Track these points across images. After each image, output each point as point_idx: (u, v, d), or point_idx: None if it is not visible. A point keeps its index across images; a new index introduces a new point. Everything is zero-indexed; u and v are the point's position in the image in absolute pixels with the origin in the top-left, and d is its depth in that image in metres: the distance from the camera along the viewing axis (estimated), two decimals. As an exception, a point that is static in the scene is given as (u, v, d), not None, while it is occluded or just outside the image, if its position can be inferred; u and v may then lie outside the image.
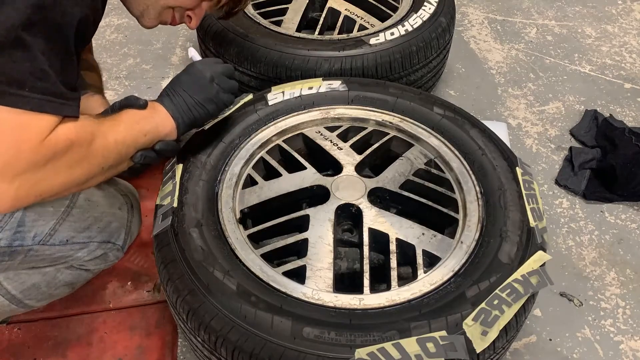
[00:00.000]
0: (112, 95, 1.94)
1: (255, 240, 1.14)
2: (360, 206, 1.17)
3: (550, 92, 2.01)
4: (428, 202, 1.19)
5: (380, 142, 1.31)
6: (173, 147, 1.08)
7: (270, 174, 1.27)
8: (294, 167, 1.26)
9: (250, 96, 1.25)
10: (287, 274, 1.03)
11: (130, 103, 1.03)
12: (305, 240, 1.10)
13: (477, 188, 1.18)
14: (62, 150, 0.85)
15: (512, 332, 0.99)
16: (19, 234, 0.97)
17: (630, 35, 2.28)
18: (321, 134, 1.32)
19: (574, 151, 1.74)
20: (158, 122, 1.04)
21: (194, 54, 1.22)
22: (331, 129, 1.33)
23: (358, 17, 1.82)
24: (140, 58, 2.11)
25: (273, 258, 1.12)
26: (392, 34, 1.60)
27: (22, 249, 0.99)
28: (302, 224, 1.14)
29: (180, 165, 1.17)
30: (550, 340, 1.33)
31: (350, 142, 1.30)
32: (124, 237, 1.14)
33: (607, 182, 1.65)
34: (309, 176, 1.23)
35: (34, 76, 0.81)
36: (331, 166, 1.29)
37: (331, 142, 1.30)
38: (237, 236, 1.08)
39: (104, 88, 1.37)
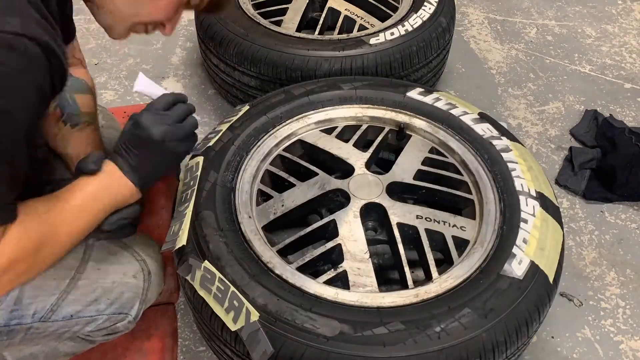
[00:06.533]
0: (112, 95, 1.94)
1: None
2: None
3: (550, 92, 2.01)
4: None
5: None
6: (136, 213, 0.98)
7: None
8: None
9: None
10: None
11: (81, 169, 0.91)
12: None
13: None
14: (2, 271, 0.77)
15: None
16: (16, 312, 0.91)
17: (630, 35, 2.28)
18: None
19: (574, 151, 1.74)
20: (116, 192, 0.92)
21: (142, 85, 0.98)
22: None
23: (358, 17, 1.82)
24: (140, 58, 2.10)
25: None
26: (392, 34, 1.60)
27: (21, 327, 0.93)
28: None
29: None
30: (551, 339, 1.33)
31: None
32: (138, 307, 1.04)
33: (607, 182, 1.65)
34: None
35: None
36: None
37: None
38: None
39: (97, 109, 1.17)
